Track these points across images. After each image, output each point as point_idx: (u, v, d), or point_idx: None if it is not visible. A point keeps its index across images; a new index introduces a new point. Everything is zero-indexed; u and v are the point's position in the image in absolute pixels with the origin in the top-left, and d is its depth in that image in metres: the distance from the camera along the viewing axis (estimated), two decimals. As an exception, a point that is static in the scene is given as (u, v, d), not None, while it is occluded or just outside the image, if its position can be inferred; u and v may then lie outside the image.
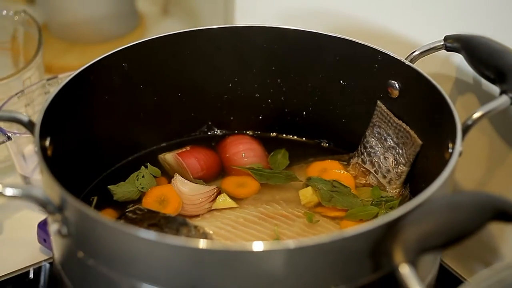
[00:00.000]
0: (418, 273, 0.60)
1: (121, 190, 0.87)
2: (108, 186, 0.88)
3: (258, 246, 0.61)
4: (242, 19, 1.15)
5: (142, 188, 0.88)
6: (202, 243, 0.62)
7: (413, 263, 0.61)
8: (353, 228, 0.63)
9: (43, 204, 0.67)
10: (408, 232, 0.62)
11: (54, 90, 0.80)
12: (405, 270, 0.60)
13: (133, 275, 0.66)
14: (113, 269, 0.67)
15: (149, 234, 0.63)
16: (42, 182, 0.72)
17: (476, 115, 0.76)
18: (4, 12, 1.15)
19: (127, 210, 0.83)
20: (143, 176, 0.89)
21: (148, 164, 0.91)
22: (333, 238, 0.63)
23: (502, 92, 0.77)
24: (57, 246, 0.73)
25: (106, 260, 0.67)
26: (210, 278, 0.63)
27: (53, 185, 0.67)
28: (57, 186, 0.67)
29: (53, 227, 0.68)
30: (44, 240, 0.92)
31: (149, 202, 0.86)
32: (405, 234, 0.62)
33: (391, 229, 0.63)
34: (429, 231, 0.63)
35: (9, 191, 0.65)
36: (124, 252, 0.65)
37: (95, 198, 0.86)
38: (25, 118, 0.76)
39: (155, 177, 0.90)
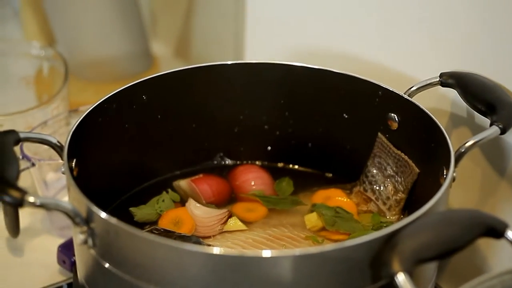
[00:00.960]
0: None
1: (141, 212, 0.93)
2: (130, 208, 0.93)
3: (267, 252, 0.67)
4: (251, 58, 1.21)
5: (161, 211, 0.93)
6: (217, 250, 0.68)
7: (409, 273, 0.66)
8: (355, 239, 0.69)
9: (72, 216, 0.72)
10: (404, 243, 0.68)
11: (79, 116, 0.86)
12: (401, 278, 0.66)
13: (155, 282, 0.71)
14: (136, 276, 0.72)
15: (170, 242, 0.69)
16: (69, 197, 0.78)
17: (469, 143, 0.82)
18: (30, 48, 1.22)
19: (144, 230, 0.89)
20: (163, 200, 0.94)
21: (169, 189, 0.96)
22: (335, 247, 0.68)
23: (492, 123, 0.84)
24: (83, 259, 0.79)
25: (130, 269, 0.72)
26: (224, 283, 0.69)
27: (80, 198, 0.73)
28: (85, 199, 0.73)
29: (79, 239, 0.74)
30: (64, 262, 0.98)
31: (165, 224, 0.91)
32: (402, 245, 0.68)
33: (389, 240, 0.69)
34: (424, 243, 0.68)
35: (40, 200, 0.71)
36: (147, 260, 0.71)
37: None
38: (54, 140, 0.83)
39: (174, 202, 0.95)
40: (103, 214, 0.71)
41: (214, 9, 1.36)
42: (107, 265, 0.73)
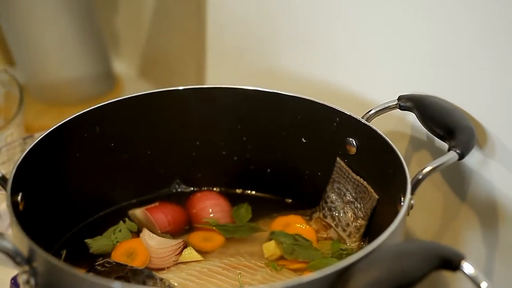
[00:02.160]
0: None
1: (97, 244, 0.90)
2: (85, 240, 0.91)
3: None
4: (213, 78, 1.20)
5: (117, 242, 0.91)
6: (162, 291, 0.65)
7: (362, 310, 0.64)
8: (307, 275, 0.67)
9: (12, 256, 0.70)
10: (357, 279, 0.66)
11: (27, 146, 0.83)
12: (354, 315, 0.64)
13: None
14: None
15: (114, 284, 0.66)
16: (12, 235, 0.75)
17: (426, 169, 0.80)
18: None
19: (96, 263, 0.86)
20: (120, 231, 0.92)
21: (126, 219, 0.94)
22: (288, 285, 0.66)
23: (450, 148, 0.82)
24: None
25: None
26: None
27: (22, 237, 0.70)
28: (26, 238, 0.70)
29: (22, 279, 0.71)
30: (17, 295, 0.95)
31: (118, 255, 0.89)
32: (354, 281, 0.66)
33: (342, 276, 0.67)
34: (376, 279, 0.66)
35: (-21, 242, 0.68)
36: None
37: (64, 252, 0.89)
38: (-4, 173, 0.80)
39: (131, 232, 0.93)
40: (45, 254, 0.69)
41: (177, 29, 1.34)
42: (50, 306, 0.71)
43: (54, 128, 0.88)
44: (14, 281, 0.95)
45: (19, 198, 0.80)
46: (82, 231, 0.94)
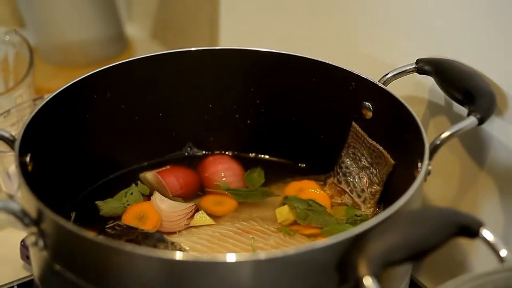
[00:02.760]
0: (386, 288, 0.62)
1: (108, 206, 0.89)
2: (96, 202, 0.89)
3: (228, 257, 0.63)
4: (227, 41, 1.17)
5: (128, 204, 0.89)
6: (173, 254, 0.64)
7: (377, 276, 0.63)
8: (321, 241, 0.65)
9: (20, 217, 0.69)
10: (372, 245, 0.64)
11: (36, 107, 0.82)
12: (368, 282, 0.62)
13: (108, 286, 0.68)
14: (90, 281, 0.68)
15: (122, 246, 0.65)
16: (20, 196, 0.74)
17: (444, 135, 0.78)
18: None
19: (106, 226, 0.85)
20: (131, 193, 0.91)
21: (138, 182, 0.92)
22: (301, 250, 0.64)
23: (470, 113, 0.79)
24: (35, 260, 0.75)
25: (81, 272, 0.69)
26: (181, 289, 0.65)
27: (29, 198, 0.69)
28: (34, 199, 0.69)
29: (30, 240, 0.70)
30: (27, 257, 0.94)
31: (129, 219, 0.87)
32: (370, 247, 0.64)
33: (357, 242, 0.65)
34: (393, 245, 0.64)
35: (-14, 204, 0.67)
36: (99, 264, 0.67)
37: (74, 214, 0.88)
38: (6, 134, 0.78)
39: (143, 195, 0.91)
40: (53, 215, 0.67)
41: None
42: (58, 267, 0.70)
43: (64, 89, 0.86)
44: (23, 243, 0.94)
45: (27, 159, 0.78)
46: (92, 193, 0.92)
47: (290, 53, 0.91)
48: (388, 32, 0.93)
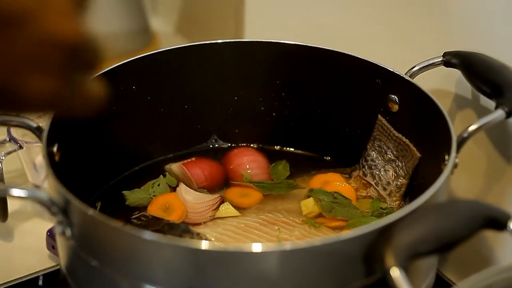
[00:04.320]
0: (412, 281, 0.62)
1: (134, 196, 0.90)
2: (123, 192, 0.90)
3: (254, 247, 0.63)
4: (252, 35, 1.17)
5: (154, 195, 0.90)
6: (199, 244, 0.64)
7: (404, 268, 0.62)
8: (348, 232, 0.65)
9: (47, 206, 0.69)
10: (399, 237, 0.64)
11: (63, 98, 0.82)
12: (395, 273, 0.62)
13: (134, 276, 0.68)
14: (116, 270, 0.68)
15: (148, 235, 0.65)
16: (48, 185, 0.74)
17: (472, 128, 0.78)
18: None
19: (132, 217, 0.85)
20: (158, 185, 0.91)
21: (166, 173, 0.93)
22: (327, 241, 0.64)
23: (498, 106, 0.79)
24: (62, 248, 0.76)
25: (108, 261, 0.69)
26: (207, 279, 0.65)
27: (57, 187, 0.69)
28: (61, 188, 0.69)
29: (57, 229, 0.70)
30: (53, 247, 0.94)
31: (154, 210, 0.88)
32: (397, 239, 0.64)
33: (384, 233, 0.65)
34: (420, 237, 0.64)
35: (15, 192, 0.67)
36: (125, 253, 0.67)
37: (99, 204, 0.88)
38: (33, 124, 0.79)
39: (170, 186, 0.92)
40: (80, 204, 0.68)
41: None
42: (85, 256, 0.70)
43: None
44: (49, 233, 0.95)
45: (54, 149, 0.79)
46: (118, 184, 0.93)
47: (316, 46, 0.91)
48: (415, 25, 0.93)
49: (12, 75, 0.34)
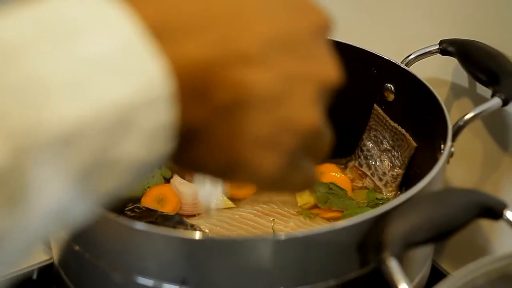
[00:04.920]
0: (407, 272, 0.61)
1: None
2: None
3: (247, 237, 0.63)
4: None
5: (148, 187, 0.89)
6: (192, 234, 0.63)
7: (399, 257, 0.62)
8: (342, 221, 0.64)
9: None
10: (394, 226, 0.63)
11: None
12: (390, 263, 0.61)
13: (127, 268, 0.67)
14: (109, 262, 0.68)
15: (141, 226, 0.64)
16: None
17: (468, 116, 0.77)
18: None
19: (126, 209, 0.84)
20: (153, 176, 0.90)
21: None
22: (322, 231, 0.64)
23: (494, 94, 0.78)
24: (55, 241, 0.75)
25: (101, 253, 0.68)
26: (200, 270, 0.64)
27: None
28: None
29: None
30: (47, 240, 0.94)
31: (148, 201, 0.87)
32: (392, 228, 0.63)
33: (379, 223, 0.64)
34: (414, 226, 0.63)
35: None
36: (118, 245, 0.66)
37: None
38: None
39: (165, 178, 0.91)
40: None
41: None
42: (77, 248, 0.69)
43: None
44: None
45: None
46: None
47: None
48: (411, 13, 0.92)
49: (246, 152, 0.36)
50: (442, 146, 0.75)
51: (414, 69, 0.85)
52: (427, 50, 0.86)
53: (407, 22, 0.93)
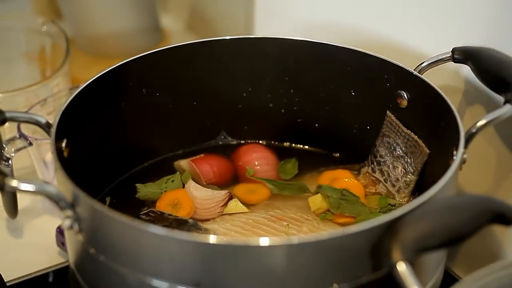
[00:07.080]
0: (419, 277, 0.62)
1: (146, 189, 0.90)
2: (136, 184, 0.90)
3: (261, 241, 0.63)
4: (262, 32, 1.17)
5: (165, 191, 0.90)
6: (207, 238, 0.64)
7: (411, 262, 0.62)
8: (355, 226, 0.65)
9: (56, 200, 0.69)
10: (406, 231, 0.64)
11: (72, 94, 0.83)
12: (402, 268, 0.62)
13: (142, 270, 0.68)
14: (124, 265, 0.69)
15: (156, 229, 0.65)
16: (56, 180, 0.75)
17: (480, 123, 0.78)
18: (33, 23, 1.19)
19: (140, 213, 0.85)
20: (172, 181, 0.91)
21: (186, 171, 0.93)
22: (334, 235, 0.64)
23: (507, 101, 0.79)
24: (71, 243, 0.76)
25: (116, 256, 0.69)
26: (214, 273, 0.65)
27: (65, 182, 0.70)
28: (69, 182, 0.69)
29: (65, 224, 0.71)
30: (62, 244, 0.95)
31: (163, 206, 0.88)
32: (404, 233, 0.64)
33: (391, 228, 0.65)
34: (426, 232, 0.64)
35: (23, 186, 0.68)
36: (133, 247, 0.67)
37: (108, 199, 0.88)
38: (42, 120, 0.79)
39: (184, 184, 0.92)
40: (88, 199, 0.68)
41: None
42: (93, 251, 0.70)
43: (100, 76, 0.87)
44: (59, 230, 0.95)
45: (63, 144, 0.79)
46: (127, 180, 0.93)
47: (325, 42, 0.91)
48: (424, 21, 0.93)
49: None
50: (455, 152, 0.76)
51: (427, 76, 0.85)
52: (440, 57, 0.87)
53: (421, 30, 0.93)
